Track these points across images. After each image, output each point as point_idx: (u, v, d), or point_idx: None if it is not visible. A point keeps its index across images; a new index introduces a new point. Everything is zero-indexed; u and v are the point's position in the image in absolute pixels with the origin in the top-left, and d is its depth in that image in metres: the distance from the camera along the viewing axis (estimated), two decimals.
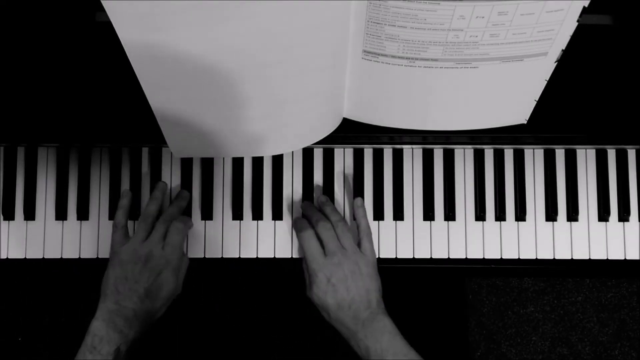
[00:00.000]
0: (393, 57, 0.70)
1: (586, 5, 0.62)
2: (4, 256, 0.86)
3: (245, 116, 0.76)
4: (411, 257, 0.88)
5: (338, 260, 0.78)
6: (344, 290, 0.77)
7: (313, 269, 0.79)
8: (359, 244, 0.82)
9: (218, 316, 1.15)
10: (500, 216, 0.88)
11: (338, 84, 0.75)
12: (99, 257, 0.87)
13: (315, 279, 0.78)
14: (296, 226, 0.85)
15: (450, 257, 0.88)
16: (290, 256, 0.87)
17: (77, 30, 0.81)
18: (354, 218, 0.86)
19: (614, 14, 0.80)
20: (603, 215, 0.88)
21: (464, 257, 0.88)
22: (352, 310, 0.76)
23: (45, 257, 0.87)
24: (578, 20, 0.64)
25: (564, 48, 0.69)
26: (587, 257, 0.88)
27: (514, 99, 0.78)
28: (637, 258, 0.88)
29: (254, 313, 1.14)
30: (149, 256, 0.76)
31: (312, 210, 0.84)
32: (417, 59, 0.70)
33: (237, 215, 0.87)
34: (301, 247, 0.82)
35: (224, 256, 0.87)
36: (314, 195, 0.88)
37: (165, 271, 0.76)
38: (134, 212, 0.87)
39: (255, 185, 0.88)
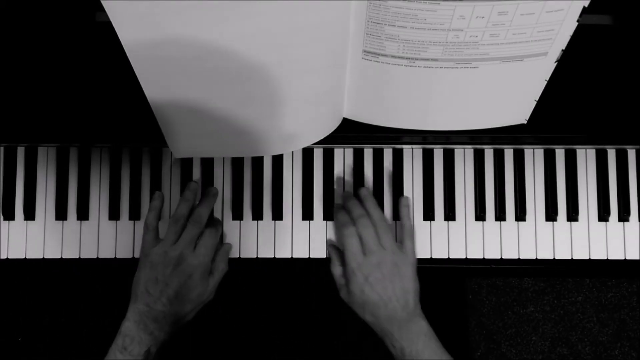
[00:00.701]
0: (393, 57, 0.70)
1: (586, 5, 0.62)
2: (4, 256, 0.86)
3: (245, 116, 0.76)
4: None
5: (377, 259, 0.78)
6: (382, 290, 0.76)
7: (352, 267, 0.78)
8: (400, 243, 0.81)
9: (219, 316, 1.15)
10: (500, 216, 0.88)
11: (338, 84, 0.75)
12: (99, 257, 0.87)
13: (353, 277, 0.78)
14: (338, 219, 0.83)
15: (450, 257, 0.88)
16: (290, 256, 0.87)
17: (77, 30, 0.81)
18: None
19: (614, 14, 0.80)
20: (603, 215, 0.88)
21: (464, 257, 0.88)
22: (389, 310, 0.76)
23: (45, 257, 0.87)
24: (578, 20, 0.64)
25: (564, 48, 0.69)
26: (587, 257, 0.88)
27: (514, 99, 0.78)
28: (637, 258, 0.88)
29: (254, 313, 1.14)
30: (180, 259, 0.76)
31: (353, 204, 0.82)
32: (417, 59, 0.70)
33: (237, 215, 0.87)
34: (332, 248, 0.82)
35: None
36: (314, 193, 0.88)
37: (195, 274, 0.76)
38: (134, 213, 0.87)
39: (255, 185, 0.88)
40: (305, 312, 1.07)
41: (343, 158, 0.89)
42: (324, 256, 0.87)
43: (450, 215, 0.88)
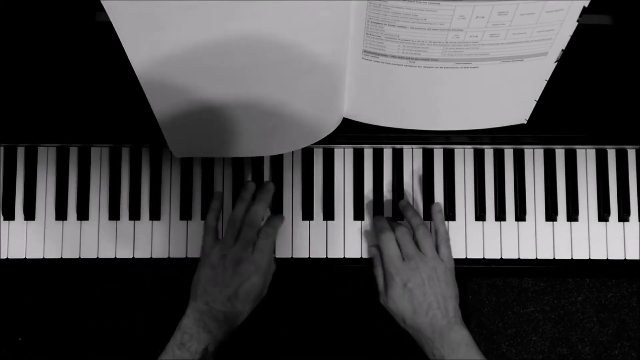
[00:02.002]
0: (393, 57, 0.70)
1: (586, 5, 0.62)
2: (4, 256, 0.86)
3: (245, 116, 0.76)
4: None
5: (415, 264, 0.77)
6: (421, 296, 0.76)
7: (390, 273, 0.78)
8: (437, 250, 0.81)
9: None
10: (500, 216, 0.88)
11: (338, 84, 0.75)
12: (99, 257, 0.87)
13: (392, 282, 0.77)
14: (376, 225, 0.84)
15: None
16: (290, 256, 0.87)
17: (77, 30, 0.81)
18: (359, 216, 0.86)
19: (614, 14, 0.80)
20: (603, 215, 0.88)
21: (464, 257, 0.88)
22: (429, 317, 0.76)
23: (45, 257, 0.87)
24: (578, 20, 0.64)
25: (564, 48, 0.69)
26: (587, 257, 0.88)
27: (514, 99, 0.78)
28: (637, 258, 0.88)
29: (254, 313, 1.14)
30: (239, 261, 0.76)
31: (412, 213, 0.83)
32: (417, 59, 0.70)
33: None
34: (376, 249, 0.82)
35: None
36: (314, 193, 0.88)
37: (254, 276, 0.76)
38: (134, 213, 0.87)
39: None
40: (304, 312, 1.07)
41: (343, 158, 0.89)
42: (324, 256, 0.87)
43: (450, 215, 0.88)
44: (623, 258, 0.88)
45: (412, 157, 0.89)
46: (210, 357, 0.74)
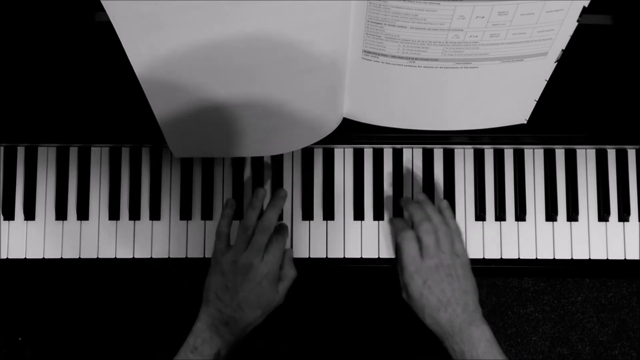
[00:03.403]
0: (393, 57, 0.70)
1: (586, 5, 0.62)
2: (4, 256, 0.86)
3: (245, 116, 0.76)
4: None
5: (435, 263, 0.78)
6: (440, 292, 0.76)
7: (409, 271, 0.78)
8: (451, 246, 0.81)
9: None
10: (500, 216, 0.88)
11: (338, 83, 0.75)
12: (99, 257, 0.87)
13: (412, 281, 0.78)
14: (395, 225, 0.84)
15: None
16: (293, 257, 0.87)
17: (77, 30, 0.81)
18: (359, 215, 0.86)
19: (614, 14, 0.80)
20: (603, 215, 0.88)
21: None
22: (449, 312, 0.76)
23: (45, 257, 0.87)
24: (578, 20, 0.64)
25: (564, 48, 0.69)
26: (587, 257, 0.88)
27: (514, 99, 0.78)
28: (637, 258, 0.88)
29: None
30: (250, 267, 0.76)
31: (415, 209, 0.82)
32: (417, 59, 0.70)
33: (237, 215, 0.87)
34: (398, 248, 0.81)
35: None
36: (314, 193, 0.88)
37: (264, 282, 0.76)
38: (134, 213, 0.87)
39: (255, 185, 0.88)
40: (304, 312, 1.07)
41: (343, 158, 0.89)
42: (324, 256, 0.87)
43: None
44: (623, 258, 0.88)
45: (412, 157, 0.89)
46: None
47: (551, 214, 0.88)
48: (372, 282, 0.83)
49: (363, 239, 0.88)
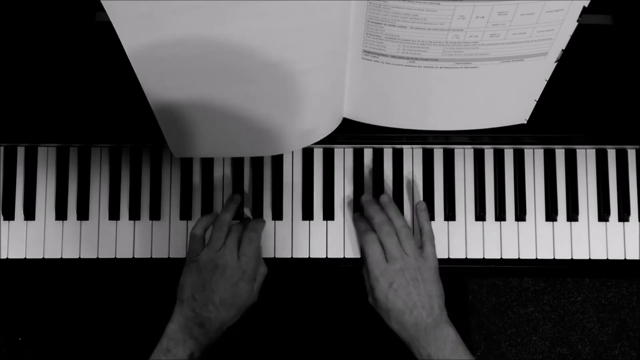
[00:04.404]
0: (393, 57, 0.70)
1: (586, 5, 0.62)
2: (4, 256, 0.86)
3: (245, 116, 0.76)
4: None
5: (400, 266, 0.77)
6: (406, 296, 0.76)
7: (375, 275, 0.78)
8: (421, 248, 0.81)
9: None
10: (500, 216, 0.88)
11: (338, 84, 0.75)
12: (99, 257, 0.87)
13: (377, 284, 0.78)
14: (358, 227, 0.84)
15: (450, 257, 0.88)
16: (290, 256, 0.87)
17: (77, 30, 0.81)
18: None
19: (614, 14, 0.80)
20: (603, 215, 0.88)
21: (464, 257, 0.88)
22: (414, 316, 0.76)
23: (45, 257, 0.87)
24: (578, 20, 0.64)
25: (564, 48, 0.69)
26: (587, 257, 0.88)
27: (514, 99, 0.78)
28: (637, 258, 0.88)
29: (253, 313, 1.14)
30: (225, 266, 0.76)
31: (375, 210, 0.82)
32: (417, 59, 0.70)
33: (237, 215, 0.87)
34: (362, 250, 0.82)
35: None
36: (314, 193, 0.88)
37: (240, 281, 0.76)
38: (134, 213, 0.87)
39: (255, 185, 0.88)
40: (304, 312, 1.07)
41: (343, 158, 0.89)
42: (324, 256, 0.87)
43: (450, 215, 0.88)
44: (623, 258, 0.88)
45: (412, 157, 0.89)
46: None
47: (551, 214, 0.88)
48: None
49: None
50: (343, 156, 0.89)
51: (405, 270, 0.77)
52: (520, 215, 0.88)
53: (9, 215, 0.87)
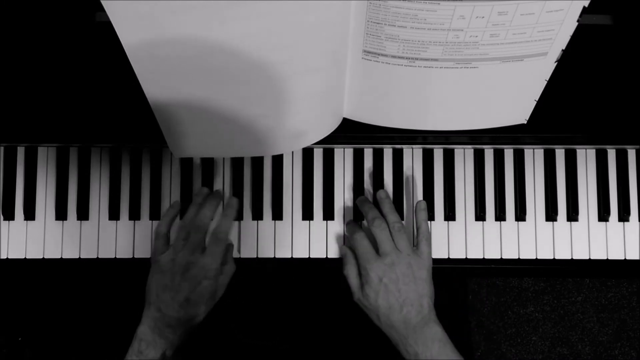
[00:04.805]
0: (393, 57, 0.70)
1: (586, 5, 0.62)
2: (4, 256, 0.86)
3: (245, 116, 0.76)
4: None
5: (391, 260, 0.77)
6: (396, 292, 0.76)
7: (365, 269, 0.78)
8: (416, 247, 0.81)
9: (218, 317, 1.15)
10: (500, 216, 0.88)
11: (338, 83, 0.75)
12: (99, 257, 0.87)
13: (367, 278, 0.78)
14: (348, 229, 0.85)
15: (450, 257, 0.88)
16: (290, 256, 0.87)
17: (77, 30, 0.81)
18: (359, 216, 0.86)
19: (614, 14, 0.80)
20: (603, 215, 0.88)
21: (464, 257, 0.88)
22: (403, 314, 0.76)
23: (45, 257, 0.87)
24: (578, 20, 0.64)
25: (564, 48, 0.69)
26: (587, 257, 0.88)
27: (514, 99, 0.78)
28: (637, 258, 0.88)
29: (252, 313, 1.14)
30: (189, 265, 0.75)
31: (369, 207, 0.83)
32: (417, 59, 0.70)
33: (237, 215, 0.87)
34: (347, 249, 0.82)
35: None
36: (314, 193, 0.88)
37: (204, 280, 0.76)
38: (134, 213, 0.87)
39: (255, 185, 0.88)
40: (304, 312, 1.07)
41: (343, 158, 0.89)
42: (324, 256, 0.87)
43: (450, 215, 0.88)
44: (623, 258, 0.88)
45: (412, 157, 0.89)
46: None
47: (551, 214, 0.88)
48: None
49: None
50: (343, 156, 0.89)
51: (397, 265, 0.77)
52: (520, 215, 0.88)
53: (9, 215, 0.87)
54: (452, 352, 0.75)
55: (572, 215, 0.88)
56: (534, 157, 0.89)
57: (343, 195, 0.88)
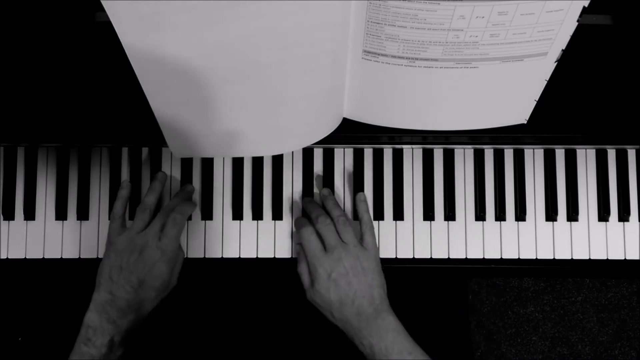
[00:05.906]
0: (393, 57, 0.70)
1: (586, 5, 0.62)
2: (4, 256, 0.86)
3: (246, 116, 0.76)
4: (411, 257, 0.88)
5: (338, 255, 0.77)
6: (346, 285, 0.76)
7: (314, 265, 0.78)
8: (361, 239, 0.81)
9: (218, 317, 1.15)
10: (500, 216, 0.88)
11: (338, 84, 0.75)
12: (99, 257, 0.87)
13: (316, 274, 0.77)
14: (296, 225, 0.85)
15: (450, 257, 0.88)
16: (290, 256, 0.87)
17: (77, 30, 0.81)
18: (355, 215, 0.87)
19: (614, 14, 0.80)
20: (603, 215, 0.88)
21: (464, 257, 0.88)
22: (355, 306, 0.76)
23: (45, 257, 0.87)
24: (578, 20, 0.64)
25: (564, 48, 0.69)
26: (587, 257, 0.88)
27: (514, 99, 0.78)
28: (637, 258, 0.88)
29: (252, 313, 1.14)
30: (145, 246, 0.76)
31: (313, 206, 0.84)
32: (417, 59, 0.70)
33: (237, 215, 0.87)
34: (300, 247, 0.82)
35: (223, 256, 0.87)
36: (315, 189, 0.88)
37: (159, 262, 0.75)
38: (134, 208, 0.87)
39: (255, 185, 0.88)
40: (303, 312, 1.07)
41: (343, 158, 0.89)
42: None
43: (450, 215, 0.88)
44: (623, 258, 0.88)
45: (412, 157, 0.89)
46: (117, 348, 0.74)
47: (551, 214, 0.88)
48: None
49: None
50: (343, 156, 0.89)
51: (345, 258, 0.77)
52: (520, 215, 0.88)
53: (9, 215, 0.87)
54: (406, 341, 0.75)
55: (572, 215, 0.88)
56: (534, 157, 0.89)
57: (343, 195, 0.88)
